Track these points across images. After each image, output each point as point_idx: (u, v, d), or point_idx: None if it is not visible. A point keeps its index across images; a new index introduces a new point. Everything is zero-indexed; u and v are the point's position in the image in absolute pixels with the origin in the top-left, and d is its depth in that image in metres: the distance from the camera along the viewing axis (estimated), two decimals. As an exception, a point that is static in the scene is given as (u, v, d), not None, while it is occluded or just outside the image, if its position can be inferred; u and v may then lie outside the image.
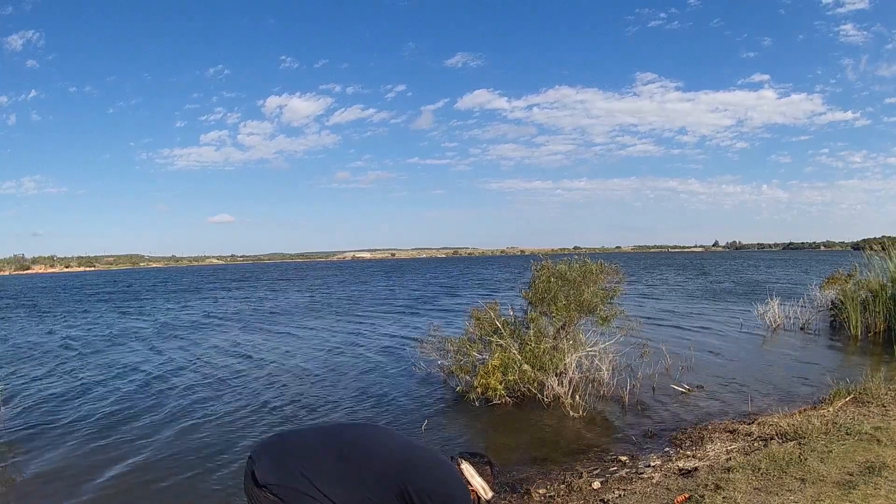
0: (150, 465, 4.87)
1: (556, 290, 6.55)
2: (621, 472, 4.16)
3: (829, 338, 10.20)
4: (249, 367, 8.97)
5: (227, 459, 4.88)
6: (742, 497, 3.13)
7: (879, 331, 9.86)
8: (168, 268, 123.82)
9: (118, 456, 5.07)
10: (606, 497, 3.60)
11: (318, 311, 18.01)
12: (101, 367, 9.27)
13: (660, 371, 7.36)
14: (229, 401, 6.89)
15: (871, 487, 3.08)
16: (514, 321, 6.82)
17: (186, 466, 4.78)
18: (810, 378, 7.05)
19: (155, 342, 12.05)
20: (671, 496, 3.38)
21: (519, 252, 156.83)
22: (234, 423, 5.96)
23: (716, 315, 13.85)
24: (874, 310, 9.98)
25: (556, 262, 6.93)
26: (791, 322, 11.18)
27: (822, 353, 9.09)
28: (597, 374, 6.56)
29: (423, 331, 9.71)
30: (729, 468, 3.62)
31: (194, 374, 8.52)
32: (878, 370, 6.63)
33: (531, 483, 4.08)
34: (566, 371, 6.09)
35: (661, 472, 3.95)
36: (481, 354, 6.45)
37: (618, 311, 6.76)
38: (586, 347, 6.52)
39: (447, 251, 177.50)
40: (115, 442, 5.47)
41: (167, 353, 10.48)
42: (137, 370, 8.98)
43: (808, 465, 3.50)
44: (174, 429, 5.84)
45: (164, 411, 6.51)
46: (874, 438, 3.91)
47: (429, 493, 2.01)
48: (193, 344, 11.65)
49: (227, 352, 10.56)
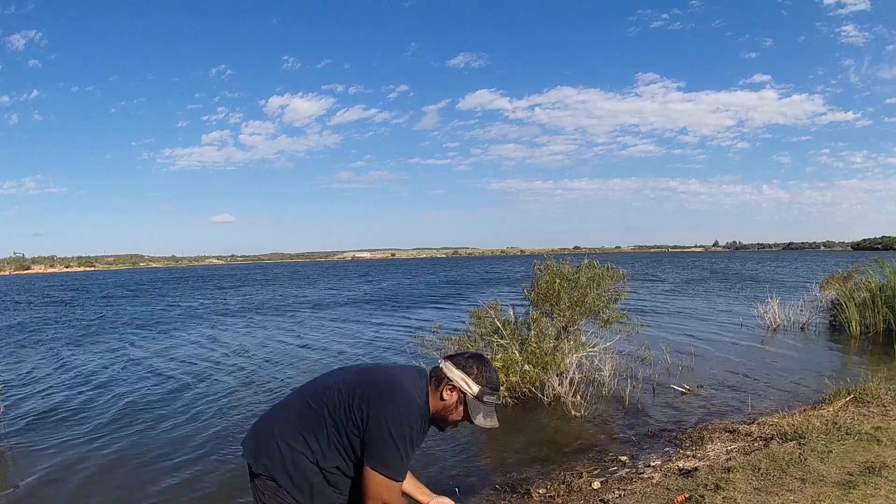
0: (151, 464, 4.88)
1: (559, 291, 6.54)
2: (621, 472, 4.16)
3: (829, 338, 10.20)
4: (254, 366, 8.97)
5: (229, 459, 4.89)
6: (742, 497, 3.14)
7: (879, 331, 9.86)
8: (167, 268, 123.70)
9: (119, 455, 5.09)
10: (606, 497, 3.60)
11: (329, 309, 18.02)
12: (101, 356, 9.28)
13: (660, 371, 7.37)
14: (238, 399, 6.90)
15: (871, 487, 3.08)
16: (515, 321, 6.82)
17: (188, 465, 4.79)
18: (810, 378, 7.05)
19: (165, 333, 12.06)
20: (671, 496, 3.39)
21: (519, 252, 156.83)
22: (241, 422, 5.97)
23: (716, 315, 13.86)
24: (874, 310, 9.99)
25: (559, 263, 6.92)
26: (791, 322, 11.18)
27: (822, 353, 9.09)
28: (597, 375, 6.56)
29: (423, 329, 9.71)
30: (729, 468, 3.63)
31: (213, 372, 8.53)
32: (878, 370, 6.63)
33: (531, 483, 4.08)
34: (567, 371, 6.10)
35: (661, 471, 3.96)
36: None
37: (620, 315, 6.76)
38: (587, 348, 6.52)
39: (447, 251, 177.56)
40: (117, 438, 5.49)
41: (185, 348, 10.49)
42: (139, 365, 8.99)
43: (808, 465, 3.51)
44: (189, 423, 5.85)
45: (175, 408, 6.53)
46: (874, 438, 3.91)
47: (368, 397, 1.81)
48: (213, 340, 11.67)
49: (244, 351, 10.58)
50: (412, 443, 1.82)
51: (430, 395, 1.92)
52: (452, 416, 1.93)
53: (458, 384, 1.89)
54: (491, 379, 1.92)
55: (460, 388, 1.90)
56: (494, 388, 1.92)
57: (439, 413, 1.93)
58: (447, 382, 1.91)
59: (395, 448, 1.78)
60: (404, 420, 1.79)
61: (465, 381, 1.90)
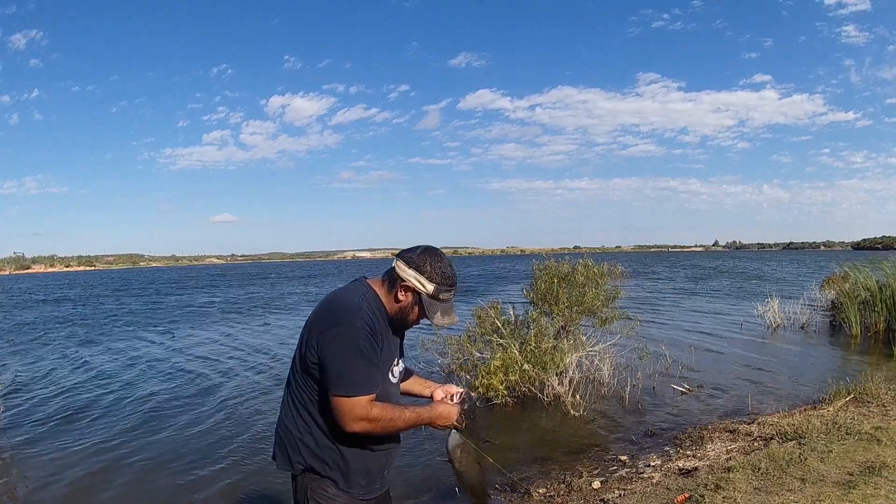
0: (155, 463, 4.88)
1: (557, 291, 6.55)
2: (621, 471, 4.16)
3: (829, 338, 10.20)
4: (259, 364, 8.98)
5: (232, 458, 4.89)
6: (742, 497, 3.14)
7: (879, 331, 9.86)
8: (167, 268, 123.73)
9: (119, 454, 5.08)
10: (606, 497, 3.60)
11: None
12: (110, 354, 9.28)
13: (660, 371, 7.36)
14: (244, 398, 6.90)
15: (871, 487, 3.08)
16: (515, 320, 6.81)
17: (190, 465, 4.78)
18: (810, 378, 7.05)
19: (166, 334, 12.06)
20: (671, 496, 3.38)
21: (519, 252, 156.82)
22: (244, 421, 5.97)
23: (716, 314, 13.86)
24: (874, 310, 9.99)
25: (559, 262, 6.92)
26: (791, 322, 11.17)
27: (822, 353, 9.09)
28: (597, 374, 6.56)
29: (423, 329, 9.70)
30: (729, 468, 3.62)
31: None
32: (878, 370, 6.63)
33: (531, 483, 4.08)
34: (567, 371, 6.09)
35: (661, 471, 3.95)
36: (482, 353, 6.45)
37: (618, 314, 6.76)
38: (587, 347, 6.52)
39: (447, 251, 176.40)
40: (120, 437, 5.49)
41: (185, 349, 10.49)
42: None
43: (808, 465, 3.51)
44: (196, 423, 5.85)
45: (181, 407, 6.52)
46: (874, 438, 3.91)
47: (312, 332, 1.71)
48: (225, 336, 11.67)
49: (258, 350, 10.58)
50: (362, 353, 1.66)
51: (385, 298, 1.79)
52: (410, 318, 1.81)
53: (412, 283, 1.75)
54: (445, 274, 1.77)
55: (414, 288, 1.76)
56: (450, 285, 1.78)
57: (397, 315, 1.80)
58: (401, 282, 1.76)
59: (344, 364, 1.65)
60: (346, 334, 1.66)
61: (417, 279, 1.74)
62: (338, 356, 1.66)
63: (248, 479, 4.43)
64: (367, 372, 1.68)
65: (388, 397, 1.79)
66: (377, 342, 1.71)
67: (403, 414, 1.74)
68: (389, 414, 1.71)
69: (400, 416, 1.73)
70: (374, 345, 1.70)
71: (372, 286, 1.81)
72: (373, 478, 1.83)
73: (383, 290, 1.80)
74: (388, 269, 1.82)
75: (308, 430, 1.76)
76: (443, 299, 1.78)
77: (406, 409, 1.77)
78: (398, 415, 1.73)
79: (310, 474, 1.76)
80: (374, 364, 1.70)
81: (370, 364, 1.69)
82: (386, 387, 1.80)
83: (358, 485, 1.79)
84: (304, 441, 1.76)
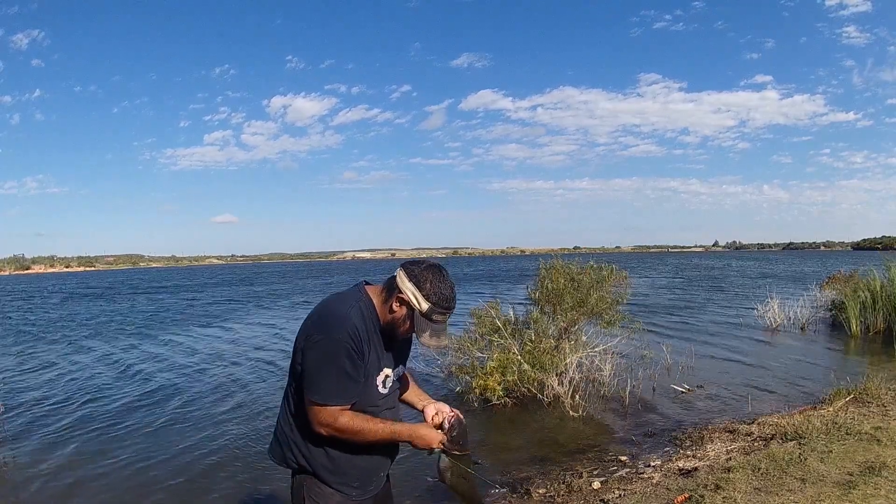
0: (156, 464, 4.88)
1: (564, 292, 6.53)
2: (621, 471, 4.16)
3: (829, 338, 10.20)
4: (262, 363, 8.98)
5: (233, 457, 4.89)
6: (742, 497, 3.14)
7: (879, 331, 9.86)
8: (167, 268, 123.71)
9: (120, 453, 5.09)
10: (606, 497, 3.60)
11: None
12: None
13: (660, 371, 7.36)
14: (242, 401, 6.90)
15: (871, 487, 3.08)
16: (516, 320, 6.81)
17: (190, 466, 4.78)
18: (810, 378, 7.05)
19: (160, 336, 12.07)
20: (671, 496, 3.38)
21: (519, 252, 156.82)
22: (246, 424, 5.97)
23: (716, 315, 13.85)
24: (874, 310, 9.98)
25: (567, 263, 6.89)
26: (791, 322, 11.17)
27: (822, 353, 9.08)
28: (597, 374, 6.56)
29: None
30: (729, 468, 3.62)
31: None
32: (879, 370, 6.63)
33: (531, 483, 4.08)
34: (566, 371, 6.09)
35: (661, 471, 3.95)
36: (482, 353, 6.44)
37: (622, 317, 6.75)
38: (588, 348, 6.52)
39: (447, 251, 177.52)
40: (116, 439, 5.49)
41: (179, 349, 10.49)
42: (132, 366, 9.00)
43: (808, 465, 3.50)
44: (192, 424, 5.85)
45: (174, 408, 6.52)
46: (874, 438, 3.91)
47: (301, 337, 1.75)
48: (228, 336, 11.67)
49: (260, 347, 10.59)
50: (337, 365, 1.67)
51: (380, 307, 1.78)
52: (401, 330, 1.78)
53: (408, 297, 1.72)
54: (443, 296, 1.73)
55: (409, 303, 1.73)
56: (446, 308, 1.75)
57: (388, 325, 1.78)
58: (398, 293, 1.74)
59: (318, 372, 1.67)
60: (328, 344, 1.67)
61: (415, 295, 1.72)
62: (315, 363, 1.69)
63: (255, 479, 4.43)
64: (340, 384, 1.69)
65: (373, 405, 1.80)
66: (361, 353, 1.71)
67: (376, 427, 1.74)
68: (359, 426, 1.72)
69: (371, 430, 1.74)
70: (356, 357, 1.70)
71: (369, 293, 1.81)
72: (366, 478, 1.86)
73: (380, 299, 1.79)
74: (390, 278, 1.80)
75: (299, 429, 1.80)
76: (435, 320, 1.75)
77: (383, 423, 1.76)
78: (370, 427, 1.74)
79: (305, 472, 1.81)
80: (350, 378, 1.70)
81: (346, 377, 1.69)
82: (369, 396, 1.79)
83: (350, 485, 1.82)
84: (295, 440, 1.81)
